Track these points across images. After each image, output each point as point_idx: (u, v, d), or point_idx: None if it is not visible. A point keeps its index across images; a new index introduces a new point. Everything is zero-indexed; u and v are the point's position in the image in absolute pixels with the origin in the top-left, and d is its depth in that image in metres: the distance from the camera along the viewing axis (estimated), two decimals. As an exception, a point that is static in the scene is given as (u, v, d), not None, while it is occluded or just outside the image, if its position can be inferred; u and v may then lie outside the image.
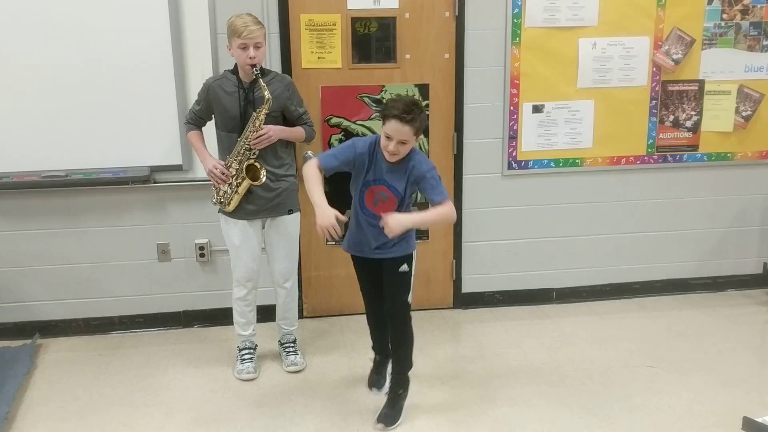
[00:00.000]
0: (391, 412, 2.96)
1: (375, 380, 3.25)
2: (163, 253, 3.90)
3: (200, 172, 3.43)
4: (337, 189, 3.18)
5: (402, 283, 2.94)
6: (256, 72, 3.08)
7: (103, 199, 3.78)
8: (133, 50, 3.57)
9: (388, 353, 3.14)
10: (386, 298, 2.98)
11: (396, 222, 2.66)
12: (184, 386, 3.33)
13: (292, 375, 3.42)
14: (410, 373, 3.08)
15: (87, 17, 3.50)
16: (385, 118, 2.70)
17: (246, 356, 3.46)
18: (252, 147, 3.14)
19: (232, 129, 3.20)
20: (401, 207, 2.83)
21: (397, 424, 2.94)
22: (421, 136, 2.79)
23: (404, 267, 2.91)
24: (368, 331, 3.26)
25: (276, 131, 3.17)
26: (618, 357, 3.55)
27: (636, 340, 3.74)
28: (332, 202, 2.74)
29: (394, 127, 2.65)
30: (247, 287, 3.38)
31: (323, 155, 2.87)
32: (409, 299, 2.99)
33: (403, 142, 2.68)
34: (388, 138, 2.68)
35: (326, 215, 2.66)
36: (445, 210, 2.76)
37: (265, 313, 3.69)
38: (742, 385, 3.24)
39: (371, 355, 3.31)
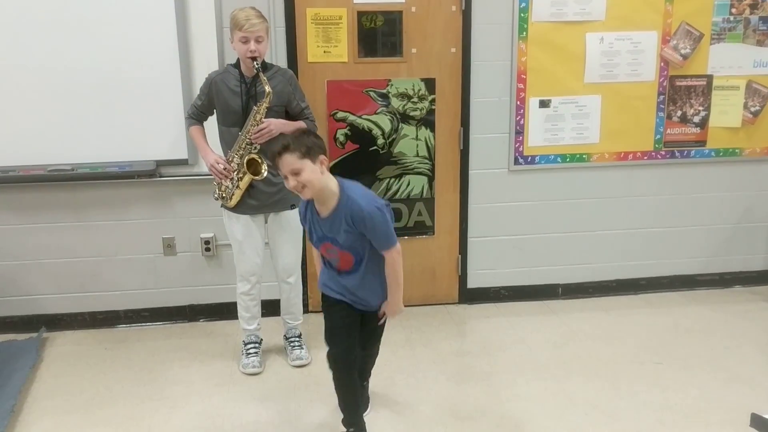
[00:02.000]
0: None
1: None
2: (169, 247, 3.90)
3: (206, 166, 3.43)
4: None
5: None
6: (256, 66, 3.08)
7: (108, 193, 3.78)
8: (139, 44, 3.56)
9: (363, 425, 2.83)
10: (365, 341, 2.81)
11: (393, 311, 2.65)
12: (189, 380, 3.33)
13: (297, 369, 3.42)
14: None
15: (93, 12, 3.50)
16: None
17: (251, 350, 3.46)
18: (253, 141, 3.14)
19: (234, 123, 3.20)
20: (360, 262, 2.56)
21: None
22: (323, 156, 2.42)
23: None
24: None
25: (277, 125, 3.16)
26: (624, 353, 3.54)
27: (642, 337, 3.73)
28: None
29: (278, 164, 2.39)
30: (251, 282, 3.38)
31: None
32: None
33: (295, 173, 2.36)
34: (285, 177, 2.41)
35: None
36: (391, 266, 2.54)
37: (270, 308, 3.68)
38: (749, 381, 3.22)
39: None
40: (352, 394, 2.72)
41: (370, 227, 2.44)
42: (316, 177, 2.39)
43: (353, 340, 2.66)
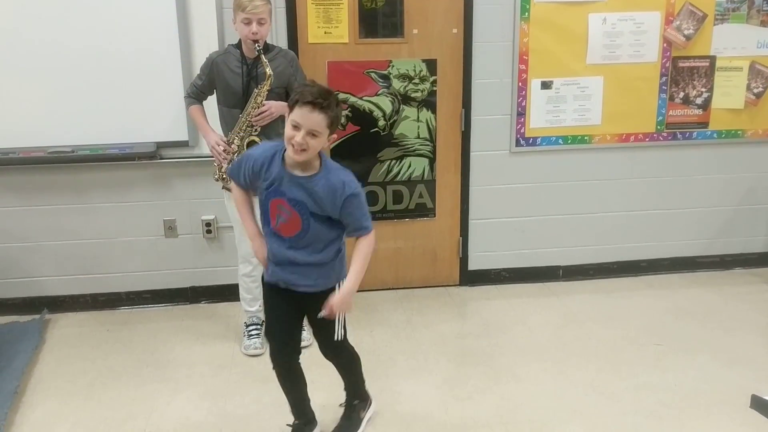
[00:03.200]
0: (347, 423, 2.73)
1: None
2: (170, 229, 3.90)
3: (206, 148, 3.42)
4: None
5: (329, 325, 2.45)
6: (258, 48, 3.06)
7: (109, 175, 3.77)
8: (139, 25, 3.53)
9: (311, 416, 2.70)
10: (318, 342, 2.61)
11: (342, 301, 2.33)
12: (191, 362, 3.35)
13: (298, 351, 3.44)
14: (368, 390, 2.82)
15: (92, -9, 3.48)
16: (294, 104, 2.19)
17: (253, 332, 3.47)
18: (253, 124, 3.13)
19: (235, 105, 3.19)
20: (305, 233, 2.34)
21: None
22: (335, 136, 2.31)
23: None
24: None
25: (277, 108, 3.15)
26: (624, 335, 3.55)
27: (642, 318, 3.74)
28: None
29: (304, 113, 2.16)
30: (253, 263, 3.37)
31: (230, 167, 2.38)
32: (341, 336, 2.47)
33: (313, 134, 2.18)
34: (296, 127, 2.18)
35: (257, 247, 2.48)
36: (369, 247, 2.38)
37: (272, 290, 3.69)
38: (749, 363, 3.24)
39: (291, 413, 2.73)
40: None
41: (351, 204, 2.31)
42: (320, 148, 2.27)
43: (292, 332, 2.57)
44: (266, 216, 2.39)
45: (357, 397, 2.77)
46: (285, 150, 2.29)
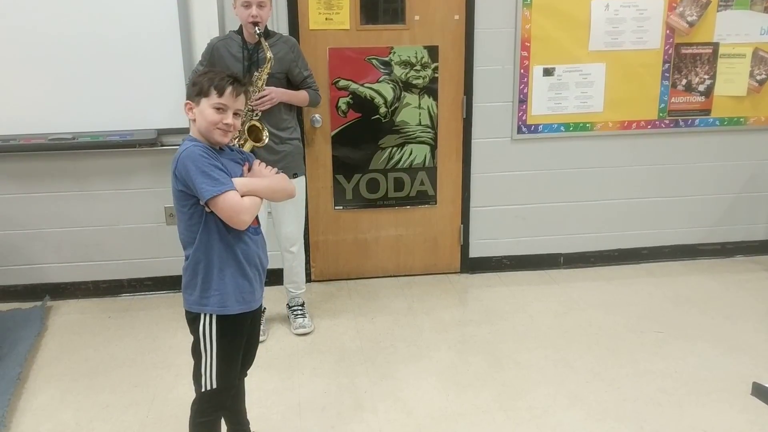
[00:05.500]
0: None
1: None
2: (171, 216, 3.90)
3: (207, 135, 3.42)
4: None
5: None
6: (258, 32, 3.05)
7: (110, 162, 3.77)
8: (139, 11, 3.51)
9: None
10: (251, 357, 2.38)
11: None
12: (193, 348, 3.36)
13: (300, 338, 3.45)
14: None
15: (91, -23, 3.46)
16: (209, 89, 2.05)
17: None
18: (254, 108, 3.13)
19: None
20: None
21: None
22: None
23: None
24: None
25: (278, 93, 3.15)
26: (625, 322, 3.55)
27: (643, 306, 3.75)
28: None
29: (235, 99, 2.07)
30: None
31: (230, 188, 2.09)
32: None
33: (237, 114, 2.10)
34: (221, 110, 2.05)
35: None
36: None
37: (274, 277, 3.69)
38: (749, 351, 3.24)
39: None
40: None
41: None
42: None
43: None
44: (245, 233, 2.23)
45: None
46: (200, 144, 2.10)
